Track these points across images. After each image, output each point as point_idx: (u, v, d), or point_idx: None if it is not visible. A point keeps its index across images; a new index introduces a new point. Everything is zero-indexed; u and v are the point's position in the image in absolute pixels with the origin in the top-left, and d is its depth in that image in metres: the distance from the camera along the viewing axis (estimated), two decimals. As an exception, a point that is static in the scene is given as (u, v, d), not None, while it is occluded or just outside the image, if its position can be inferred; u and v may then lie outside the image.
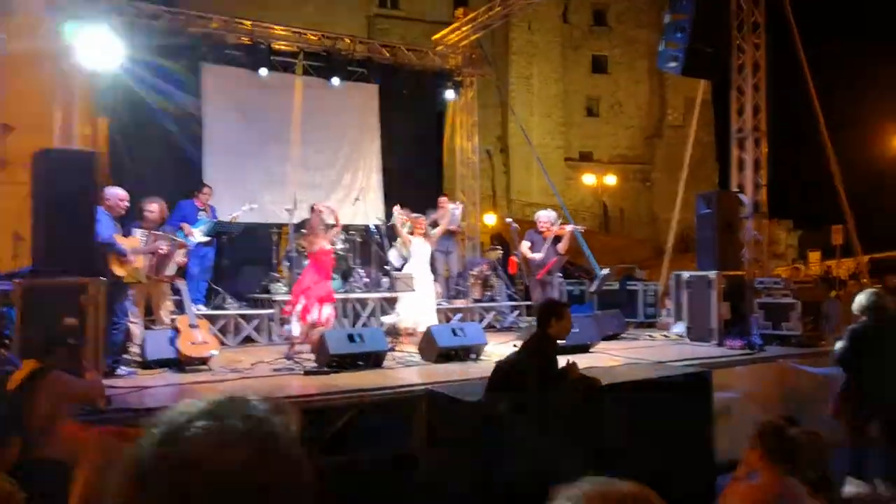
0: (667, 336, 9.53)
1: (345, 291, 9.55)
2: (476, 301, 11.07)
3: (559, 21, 34.55)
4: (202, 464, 0.84)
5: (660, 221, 32.03)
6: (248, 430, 0.88)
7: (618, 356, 7.13)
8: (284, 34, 11.44)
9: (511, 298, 11.38)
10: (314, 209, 8.64)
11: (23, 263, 6.44)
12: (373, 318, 9.78)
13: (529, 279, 9.59)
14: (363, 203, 10.56)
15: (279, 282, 9.67)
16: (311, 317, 7.36)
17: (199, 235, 8.86)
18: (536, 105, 33.58)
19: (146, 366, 6.75)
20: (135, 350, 7.05)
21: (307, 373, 6.51)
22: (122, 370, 6.40)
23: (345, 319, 9.41)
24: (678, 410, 5.33)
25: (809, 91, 9.97)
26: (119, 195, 6.84)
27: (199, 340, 6.77)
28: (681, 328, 9.15)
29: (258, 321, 9.17)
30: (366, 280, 10.28)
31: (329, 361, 6.51)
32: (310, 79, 11.51)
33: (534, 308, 4.82)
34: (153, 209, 7.13)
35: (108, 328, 6.18)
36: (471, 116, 13.20)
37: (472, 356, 7.28)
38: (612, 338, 8.89)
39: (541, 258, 8.74)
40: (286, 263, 9.72)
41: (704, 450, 5.74)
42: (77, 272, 5.73)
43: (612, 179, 34.89)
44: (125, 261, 6.68)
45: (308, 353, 7.17)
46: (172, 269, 7.42)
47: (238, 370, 6.75)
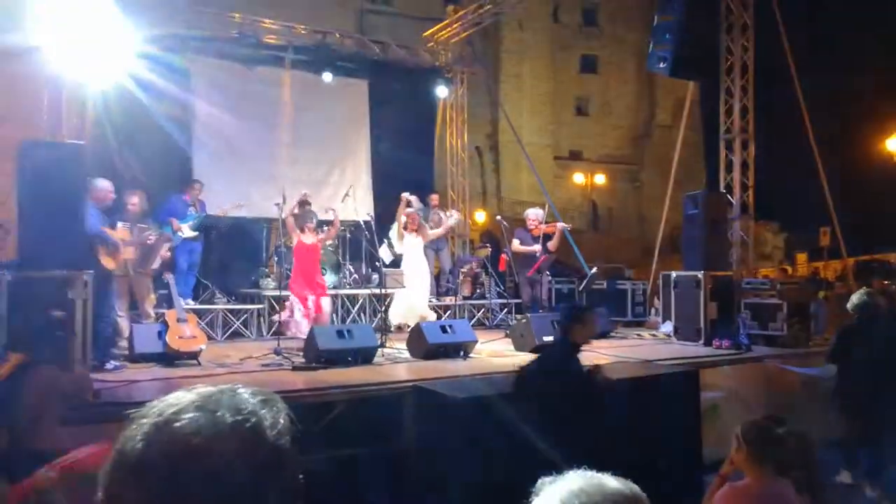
0: (655, 335, 9.58)
1: (334, 287, 9.54)
2: (465, 298, 11.09)
3: (549, 20, 34.58)
4: (193, 455, 0.84)
5: (648, 221, 32.14)
6: (239, 422, 0.88)
7: (606, 355, 7.14)
8: (274, 28, 11.39)
9: (500, 296, 11.40)
10: (301, 201, 8.59)
11: (9, 256, 6.37)
12: (363, 315, 9.78)
13: (519, 277, 9.62)
14: (353, 199, 10.55)
15: (268, 277, 9.65)
16: (302, 310, 7.42)
17: (188, 230, 8.82)
18: (526, 103, 33.59)
19: (134, 360, 6.71)
20: (123, 344, 7.03)
21: (295, 368, 6.49)
22: (111, 364, 6.36)
23: (334, 315, 9.40)
24: (666, 409, 5.37)
25: (797, 93, 10.04)
26: (107, 188, 6.81)
27: (188, 335, 6.75)
28: (668, 327, 9.20)
29: (246, 316, 9.15)
30: (355, 276, 10.27)
31: (318, 357, 6.50)
32: (299, 73, 11.47)
33: (559, 311, 4.73)
34: (134, 202, 7.13)
35: (96, 322, 6.14)
36: (461, 114, 13.21)
37: (462, 353, 7.29)
38: (601, 336, 8.89)
39: (535, 248, 8.81)
40: (275, 258, 9.70)
41: (691, 448, 5.79)
42: (64, 265, 5.69)
43: (602, 179, 34.99)
44: (116, 253, 6.65)
45: (298, 349, 7.16)
46: (157, 263, 7.40)
47: (226, 365, 6.72)
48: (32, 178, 5.83)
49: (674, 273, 8.98)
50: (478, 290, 11.37)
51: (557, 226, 9.19)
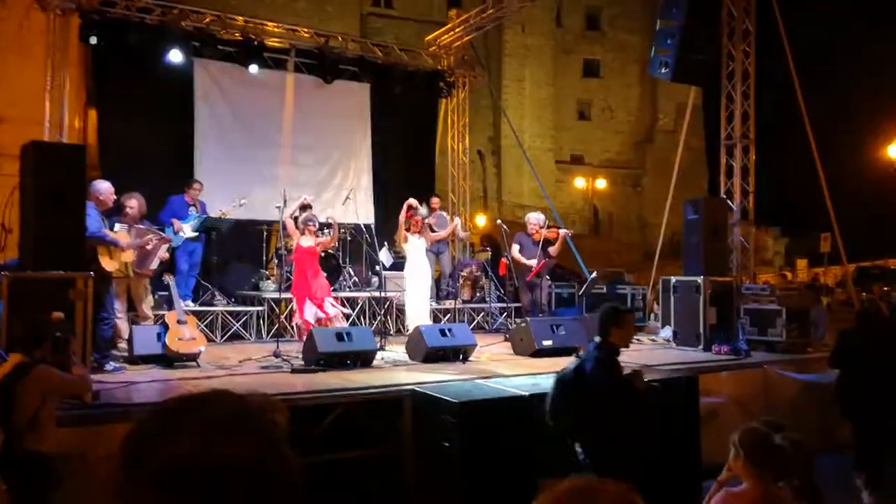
0: (654, 340, 9.57)
1: (334, 290, 9.54)
2: (465, 302, 11.09)
3: (552, 24, 34.62)
4: (196, 457, 0.85)
5: (649, 226, 32.16)
6: (240, 424, 0.89)
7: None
8: (277, 31, 11.41)
9: (500, 300, 11.40)
10: (302, 206, 8.57)
11: (10, 256, 6.39)
12: (362, 318, 9.78)
13: (519, 281, 9.62)
14: (353, 202, 10.55)
15: (268, 279, 9.65)
16: (307, 315, 7.43)
17: (189, 231, 8.83)
18: (528, 107, 33.63)
19: (133, 361, 6.73)
20: (122, 346, 7.04)
21: (294, 371, 6.50)
22: (110, 365, 6.37)
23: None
24: (664, 414, 5.36)
25: (798, 99, 10.04)
26: (109, 190, 6.82)
27: (187, 337, 6.75)
28: (668, 333, 9.19)
29: (246, 318, 9.15)
30: (355, 279, 10.28)
31: (317, 360, 6.51)
32: (302, 76, 11.49)
33: (596, 314, 4.66)
34: (132, 205, 7.14)
35: (96, 323, 6.15)
36: (462, 117, 13.22)
37: (461, 357, 7.29)
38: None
39: (532, 262, 8.79)
40: (276, 261, 9.70)
41: (690, 453, 5.79)
42: (65, 266, 5.70)
43: (603, 183, 35.02)
44: (116, 254, 6.66)
45: (297, 351, 7.16)
46: (155, 264, 7.41)
47: (226, 367, 6.73)
48: (34, 180, 5.85)
49: (673, 278, 8.97)
50: (478, 294, 11.37)
51: (560, 232, 9.19)
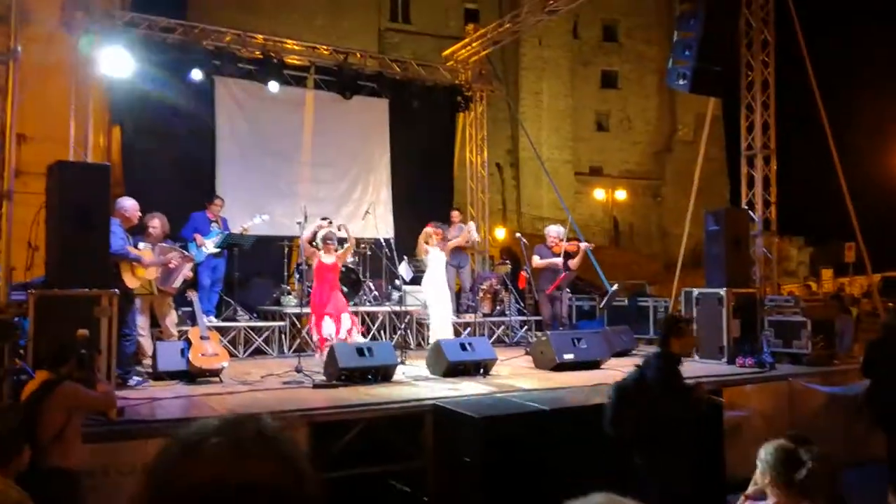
0: (677, 353, 9.47)
1: (354, 305, 9.57)
2: (486, 315, 11.07)
3: (569, 37, 34.66)
4: (221, 476, 0.86)
5: (670, 237, 31.95)
6: (262, 445, 0.91)
7: (627, 373, 7.08)
8: (296, 48, 11.54)
9: (521, 313, 11.37)
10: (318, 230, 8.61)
11: (36, 274, 6.49)
12: (383, 332, 9.79)
13: (539, 294, 9.59)
14: (373, 217, 10.60)
15: (290, 294, 9.71)
16: (324, 331, 7.45)
17: (212, 246, 8.93)
18: (546, 119, 33.64)
19: (157, 377, 6.79)
20: (147, 362, 7.10)
21: (316, 386, 6.52)
22: (134, 381, 6.43)
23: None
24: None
25: (819, 108, 9.95)
26: (134, 207, 6.91)
27: (210, 352, 6.81)
28: (691, 345, 9.11)
29: (268, 333, 9.21)
30: (375, 293, 10.30)
31: (338, 375, 6.52)
32: (321, 93, 11.61)
33: (659, 323, 4.71)
34: (155, 224, 7.28)
35: (120, 340, 6.22)
36: (480, 131, 13.25)
37: (482, 371, 7.27)
38: (622, 354, 8.84)
39: (557, 260, 8.80)
40: (297, 276, 9.76)
41: (715, 467, 5.72)
42: (90, 284, 5.78)
43: (622, 194, 34.87)
44: (139, 271, 6.74)
45: (318, 367, 7.19)
46: (179, 282, 7.50)
47: (248, 382, 6.77)
48: (60, 199, 5.95)
49: (696, 290, 8.89)
50: (497, 307, 11.34)
51: (581, 246, 9.17)
